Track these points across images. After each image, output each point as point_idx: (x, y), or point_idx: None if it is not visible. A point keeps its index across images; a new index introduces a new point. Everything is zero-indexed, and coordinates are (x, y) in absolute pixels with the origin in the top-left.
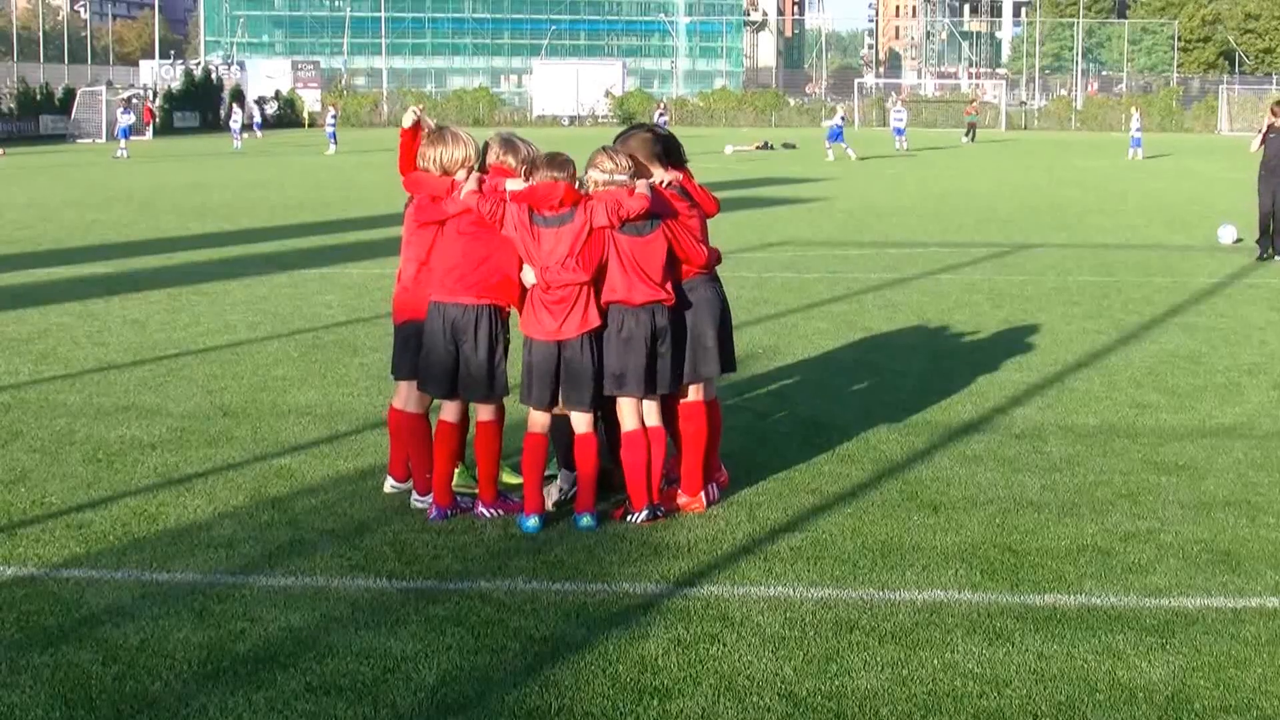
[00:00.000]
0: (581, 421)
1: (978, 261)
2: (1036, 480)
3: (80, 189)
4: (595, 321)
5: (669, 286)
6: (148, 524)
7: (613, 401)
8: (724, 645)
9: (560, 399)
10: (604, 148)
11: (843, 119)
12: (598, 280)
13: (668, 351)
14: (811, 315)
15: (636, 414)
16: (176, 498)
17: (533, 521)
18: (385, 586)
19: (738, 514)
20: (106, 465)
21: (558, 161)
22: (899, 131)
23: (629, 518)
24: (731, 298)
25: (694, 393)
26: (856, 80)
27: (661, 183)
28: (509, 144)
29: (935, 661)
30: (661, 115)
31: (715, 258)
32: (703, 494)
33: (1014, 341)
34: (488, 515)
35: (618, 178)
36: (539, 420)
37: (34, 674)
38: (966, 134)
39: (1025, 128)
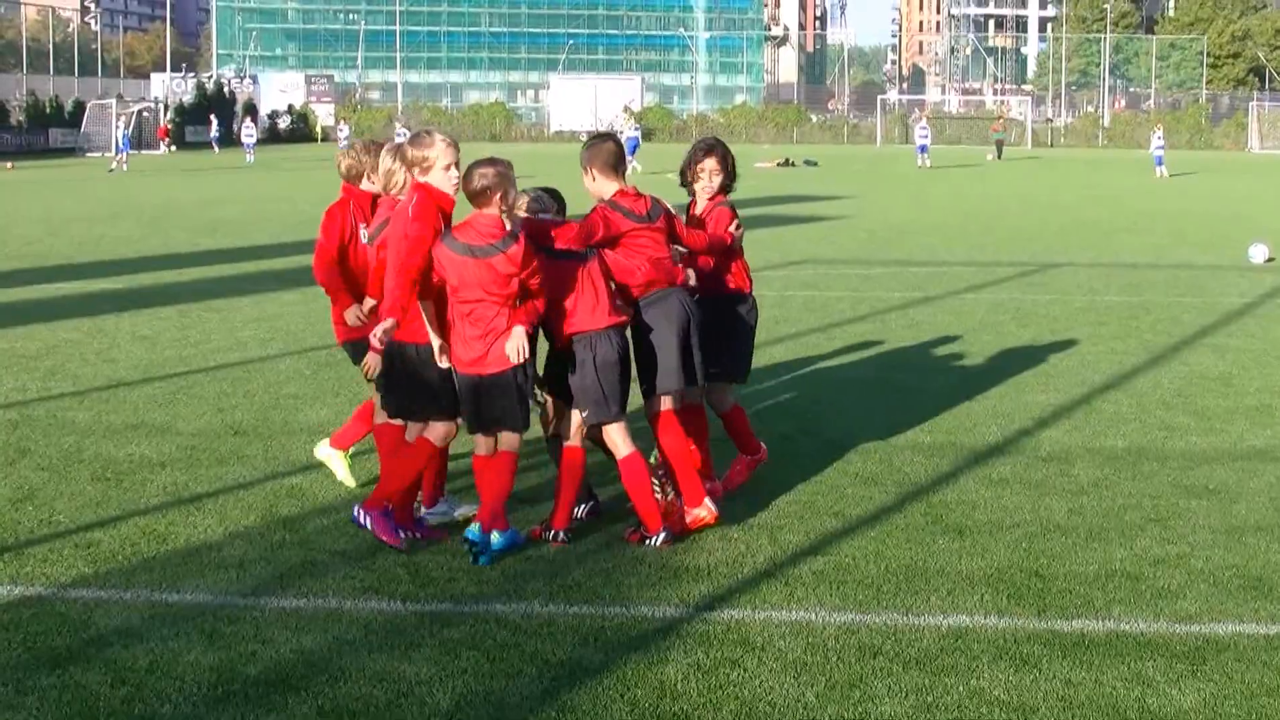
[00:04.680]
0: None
1: (1003, 281)
2: (1064, 504)
3: (89, 203)
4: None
5: (619, 306)
6: (157, 544)
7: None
8: (745, 670)
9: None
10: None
11: (637, 128)
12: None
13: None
14: (833, 335)
15: (625, 438)
16: (186, 517)
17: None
18: (399, 609)
19: (759, 537)
20: (115, 484)
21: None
22: (922, 149)
23: (647, 541)
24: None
25: (666, 403)
26: (879, 96)
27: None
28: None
29: (961, 688)
30: (400, 130)
31: (681, 270)
32: (708, 501)
33: (1040, 362)
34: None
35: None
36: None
37: (41, 695)
38: (995, 151)
39: (1051, 145)
